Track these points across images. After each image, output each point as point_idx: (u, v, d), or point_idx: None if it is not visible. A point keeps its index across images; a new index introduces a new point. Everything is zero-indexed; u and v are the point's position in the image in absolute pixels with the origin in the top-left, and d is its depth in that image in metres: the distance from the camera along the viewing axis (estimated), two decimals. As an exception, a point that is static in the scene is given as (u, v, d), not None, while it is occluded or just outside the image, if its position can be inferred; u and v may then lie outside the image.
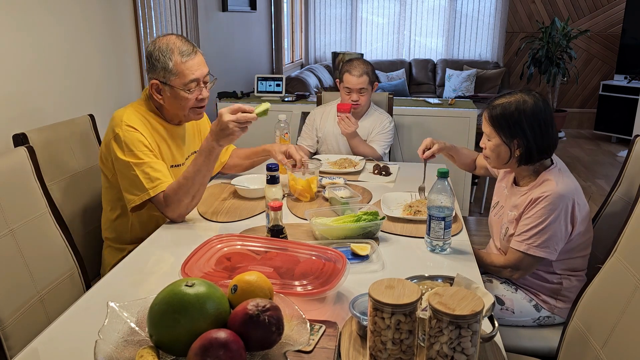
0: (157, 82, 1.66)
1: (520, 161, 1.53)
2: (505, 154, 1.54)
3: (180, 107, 1.69)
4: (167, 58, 1.62)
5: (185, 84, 1.65)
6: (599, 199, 4.09)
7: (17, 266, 1.33)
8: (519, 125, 1.49)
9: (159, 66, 1.63)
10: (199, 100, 1.70)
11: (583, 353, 1.19)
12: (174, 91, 1.65)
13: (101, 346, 0.87)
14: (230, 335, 0.82)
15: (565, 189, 1.46)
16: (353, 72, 2.46)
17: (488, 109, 1.56)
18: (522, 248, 1.50)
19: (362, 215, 1.51)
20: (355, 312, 1.02)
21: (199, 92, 1.69)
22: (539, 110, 1.49)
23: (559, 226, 1.46)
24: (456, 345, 0.83)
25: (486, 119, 1.56)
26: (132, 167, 1.59)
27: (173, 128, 1.78)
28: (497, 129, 1.53)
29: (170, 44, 1.63)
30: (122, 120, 1.63)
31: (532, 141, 1.49)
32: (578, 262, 1.58)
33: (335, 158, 2.37)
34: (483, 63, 6.69)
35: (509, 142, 1.52)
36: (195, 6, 3.53)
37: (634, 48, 5.98)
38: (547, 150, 1.52)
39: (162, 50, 1.63)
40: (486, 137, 1.58)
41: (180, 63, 1.63)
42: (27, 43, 1.95)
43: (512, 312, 1.59)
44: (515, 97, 1.52)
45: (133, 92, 2.79)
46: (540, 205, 1.47)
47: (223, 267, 1.19)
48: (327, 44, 7.29)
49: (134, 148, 1.60)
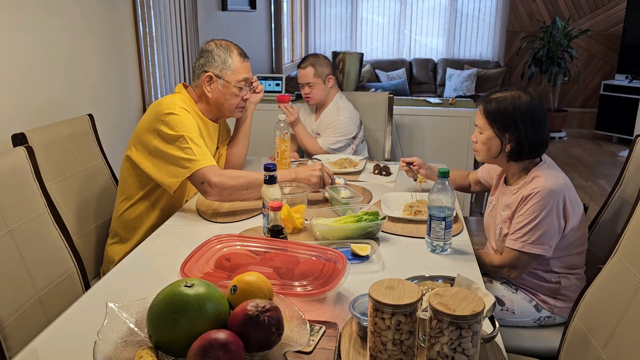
0: (212, 75, 1.80)
1: (510, 156, 1.55)
2: (497, 147, 1.55)
3: (226, 102, 1.84)
4: (227, 55, 1.81)
5: (238, 81, 1.82)
6: (600, 199, 4.08)
7: (16, 266, 1.33)
8: (512, 119, 1.51)
9: (219, 60, 1.80)
10: (244, 100, 1.88)
11: (584, 354, 1.19)
12: (226, 85, 1.81)
13: (100, 347, 0.87)
14: (229, 335, 0.82)
15: (555, 184, 1.47)
16: (300, 65, 2.55)
17: (483, 102, 1.58)
18: (517, 246, 1.50)
19: (363, 216, 1.51)
20: (356, 312, 1.01)
21: (246, 92, 1.88)
22: (533, 108, 1.51)
23: (552, 221, 1.47)
24: (457, 345, 0.82)
25: (481, 111, 1.58)
26: (187, 140, 1.66)
27: (210, 123, 1.90)
28: (490, 122, 1.55)
29: (231, 46, 1.84)
30: (175, 103, 1.72)
31: (524, 137, 1.51)
32: (575, 260, 1.58)
33: (335, 158, 2.37)
34: (484, 62, 6.68)
35: (501, 135, 1.54)
36: (195, 6, 3.53)
37: (635, 48, 5.97)
38: (537, 148, 1.53)
39: (224, 47, 1.82)
40: (478, 130, 1.60)
41: (238, 61, 1.82)
42: (27, 43, 1.95)
43: (512, 313, 1.59)
44: (511, 93, 1.54)
45: (132, 91, 2.79)
46: (531, 202, 1.48)
47: (223, 267, 1.19)
48: (327, 44, 7.28)
49: (189, 126, 1.69)
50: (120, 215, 1.81)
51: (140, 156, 1.72)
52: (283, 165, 2.18)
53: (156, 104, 1.74)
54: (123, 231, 1.82)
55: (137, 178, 1.77)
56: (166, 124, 1.67)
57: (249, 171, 1.74)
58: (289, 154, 2.21)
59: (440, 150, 3.43)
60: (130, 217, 1.80)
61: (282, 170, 1.79)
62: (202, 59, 1.82)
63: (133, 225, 1.80)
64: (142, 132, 1.72)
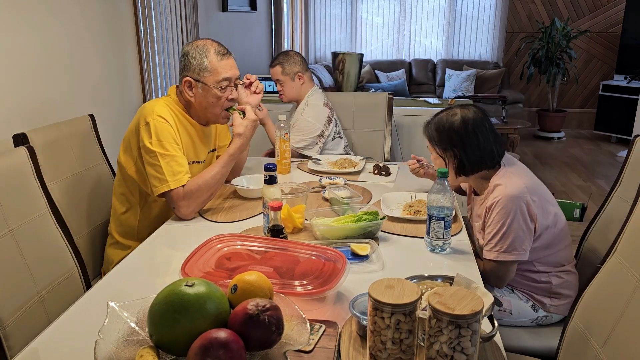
0: (190, 79, 1.72)
1: (457, 173, 1.58)
2: (443, 165, 1.59)
3: (210, 105, 1.75)
4: (203, 56, 1.70)
5: (217, 82, 1.72)
6: (599, 199, 4.08)
7: (17, 266, 1.33)
8: (449, 138, 1.55)
9: (195, 63, 1.71)
10: (229, 100, 1.77)
11: (583, 353, 1.19)
12: (206, 88, 1.72)
13: (101, 346, 0.87)
14: (230, 335, 0.82)
15: (514, 189, 1.48)
16: (270, 64, 2.57)
17: (425, 124, 1.62)
18: (492, 256, 1.52)
19: (362, 215, 1.51)
20: (355, 311, 1.02)
21: (230, 92, 1.76)
22: (465, 123, 1.53)
23: (519, 226, 1.48)
24: (456, 345, 0.83)
25: (424, 134, 1.62)
26: (158, 157, 1.64)
27: (200, 127, 1.84)
28: (432, 143, 1.60)
29: (207, 45, 1.73)
30: (154, 110, 1.68)
31: (462, 153, 1.54)
32: (560, 256, 1.59)
33: (335, 158, 2.37)
34: (483, 63, 6.69)
35: (443, 154, 1.58)
36: (195, 6, 3.54)
37: (633, 48, 5.98)
38: (481, 162, 1.55)
39: (199, 49, 1.71)
40: (430, 150, 1.64)
41: (215, 61, 1.71)
42: (28, 43, 1.95)
43: (510, 314, 1.60)
44: (447, 112, 1.57)
45: (133, 92, 2.79)
46: (495, 211, 1.50)
47: (223, 267, 1.19)
48: (327, 44, 7.28)
49: (163, 139, 1.65)
50: (116, 217, 1.82)
51: (128, 161, 1.75)
52: (283, 165, 2.19)
53: (141, 109, 1.72)
54: (120, 234, 1.82)
55: (129, 181, 1.77)
56: (145, 134, 1.66)
57: (207, 173, 1.68)
58: (289, 153, 2.22)
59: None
60: (126, 219, 1.80)
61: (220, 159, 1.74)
62: (181, 64, 1.75)
63: (129, 226, 1.81)
64: (128, 137, 1.74)
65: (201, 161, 1.87)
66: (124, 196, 1.80)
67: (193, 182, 1.66)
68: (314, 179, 2.12)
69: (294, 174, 2.21)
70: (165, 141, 1.66)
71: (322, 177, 2.07)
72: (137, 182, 1.75)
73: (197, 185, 1.65)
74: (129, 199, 1.79)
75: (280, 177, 2.02)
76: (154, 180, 1.65)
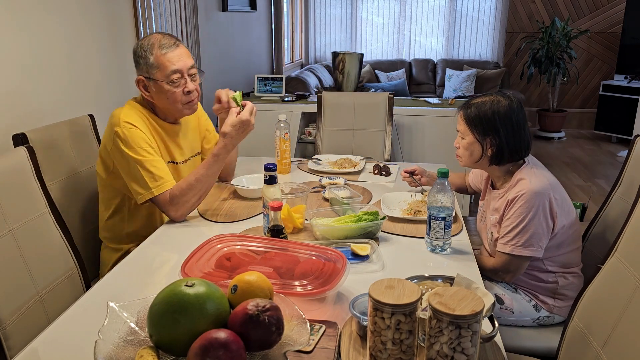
0: (142, 78, 1.67)
1: (492, 160, 1.57)
2: (478, 152, 1.57)
3: (168, 102, 1.68)
4: (148, 53, 1.64)
5: (167, 76, 1.64)
6: (599, 199, 4.08)
7: (17, 266, 1.33)
8: (492, 124, 1.53)
9: (142, 62, 1.65)
10: (186, 94, 1.68)
11: (583, 353, 1.19)
12: (158, 85, 1.65)
13: (101, 346, 0.87)
14: (230, 335, 0.82)
15: (539, 185, 1.48)
16: None
17: (463, 107, 1.61)
18: (507, 250, 1.51)
19: (362, 216, 1.51)
20: (355, 312, 1.01)
21: (184, 85, 1.67)
22: (512, 111, 1.53)
23: (539, 223, 1.48)
24: (456, 345, 0.83)
25: (461, 117, 1.61)
26: (135, 164, 1.60)
27: (169, 126, 1.78)
28: (471, 127, 1.57)
29: (152, 40, 1.65)
30: (120, 118, 1.63)
31: (504, 141, 1.53)
32: (570, 258, 1.59)
33: (335, 158, 2.37)
34: (483, 63, 6.69)
35: (482, 140, 1.56)
36: (195, 6, 3.53)
37: (634, 48, 5.98)
38: (518, 151, 1.55)
39: (144, 46, 1.65)
40: (460, 135, 1.62)
41: (160, 55, 1.63)
42: (27, 43, 1.95)
43: (511, 312, 1.59)
44: (490, 98, 1.56)
45: (133, 92, 2.78)
46: (517, 205, 1.49)
47: (223, 267, 1.19)
48: (327, 44, 7.28)
49: (135, 145, 1.61)
50: (103, 223, 1.79)
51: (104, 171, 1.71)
52: (283, 166, 2.19)
53: (110, 118, 1.67)
54: (107, 239, 1.80)
55: (109, 188, 1.74)
56: (116, 144, 1.62)
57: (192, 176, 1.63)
58: (289, 153, 2.22)
59: (439, 150, 3.44)
60: (112, 225, 1.78)
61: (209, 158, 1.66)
62: (134, 63, 1.68)
63: (115, 231, 1.78)
64: (102, 147, 1.70)
65: (179, 162, 1.82)
66: (106, 202, 1.77)
67: (178, 186, 1.62)
68: (314, 179, 2.12)
69: (294, 174, 2.21)
70: (137, 147, 1.61)
71: (322, 177, 2.07)
72: (117, 189, 1.72)
73: (181, 189, 1.61)
74: (111, 205, 1.76)
75: (280, 177, 2.02)
76: (138, 188, 1.61)
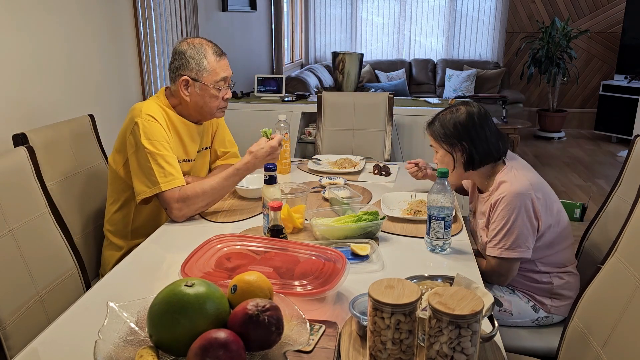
0: (187, 78, 1.71)
1: (466, 167, 1.59)
2: (451, 162, 1.60)
3: (206, 104, 1.75)
4: (201, 56, 1.71)
5: (216, 82, 1.73)
6: (599, 199, 4.08)
7: (17, 266, 1.33)
8: (455, 133, 1.56)
9: (193, 63, 1.70)
10: (224, 100, 1.79)
11: (583, 353, 1.19)
12: (203, 87, 1.72)
13: (101, 346, 0.87)
14: (230, 335, 0.82)
15: (519, 186, 1.49)
16: None
17: (429, 124, 1.64)
18: (496, 253, 1.52)
19: (362, 215, 1.51)
20: (355, 312, 1.02)
21: (225, 92, 1.78)
22: (471, 117, 1.56)
23: (524, 223, 1.48)
24: (456, 345, 0.83)
25: (428, 133, 1.64)
26: (149, 157, 1.63)
27: (191, 125, 1.82)
28: (438, 141, 1.60)
29: (204, 44, 1.73)
30: (142, 110, 1.68)
31: (472, 146, 1.55)
32: (562, 257, 1.59)
33: (335, 158, 2.37)
34: (483, 63, 6.69)
35: (451, 150, 1.59)
36: (195, 6, 3.53)
37: (634, 48, 5.98)
38: (489, 153, 1.56)
39: (197, 48, 1.71)
40: (434, 150, 1.65)
41: (213, 61, 1.72)
42: (27, 43, 1.95)
43: (510, 314, 1.60)
44: (450, 109, 1.61)
45: (133, 92, 2.79)
46: (499, 208, 1.50)
47: (223, 267, 1.19)
48: (327, 44, 7.28)
49: (153, 137, 1.64)
50: (109, 216, 1.81)
51: (118, 162, 1.73)
52: (283, 166, 2.19)
53: (131, 110, 1.71)
54: (111, 233, 1.81)
55: (119, 181, 1.76)
56: (134, 134, 1.65)
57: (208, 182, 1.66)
58: (289, 153, 2.22)
59: (439, 150, 3.43)
60: (118, 218, 1.79)
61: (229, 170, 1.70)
62: (176, 62, 1.72)
63: (120, 225, 1.80)
64: (120, 138, 1.73)
65: (190, 160, 1.86)
66: (115, 195, 1.79)
67: (191, 187, 1.64)
68: (314, 179, 2.12)
69: (294, 174, 2.21)
70: (154, 139, 1.64)
71: (322, 177, 2.07)
72: (128, 182, 1.74)
73: (194, 191, 1.64)
74: (120, 198, 1.78)
75: (280, 177, 2.02)
76: (142, 184, 1.63)
